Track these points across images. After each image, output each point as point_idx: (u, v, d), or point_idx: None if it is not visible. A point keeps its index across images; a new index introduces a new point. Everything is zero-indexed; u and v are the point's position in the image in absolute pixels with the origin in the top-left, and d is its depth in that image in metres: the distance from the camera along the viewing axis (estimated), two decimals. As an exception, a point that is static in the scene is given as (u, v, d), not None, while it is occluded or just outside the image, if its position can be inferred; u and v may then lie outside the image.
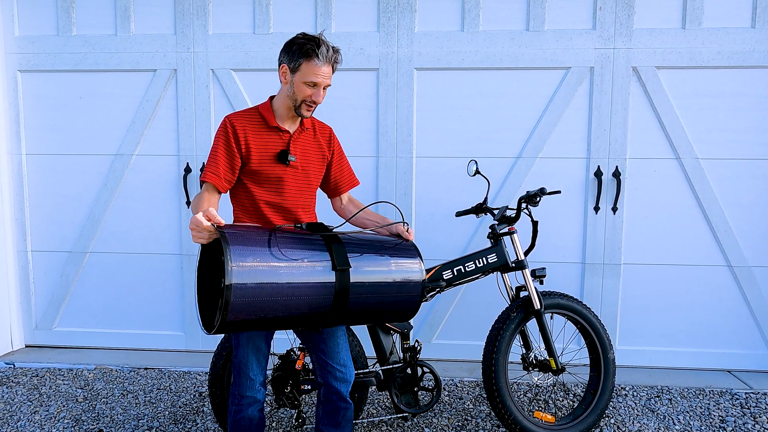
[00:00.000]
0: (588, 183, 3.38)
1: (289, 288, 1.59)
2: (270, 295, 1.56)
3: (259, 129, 1.93)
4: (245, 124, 1.91)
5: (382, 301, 1.79)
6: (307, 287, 1.63)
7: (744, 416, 2.84)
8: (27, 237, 3.69)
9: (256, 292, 1.53)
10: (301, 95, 1.86)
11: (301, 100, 1.86)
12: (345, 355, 2.01)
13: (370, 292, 1.75)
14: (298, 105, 1.88)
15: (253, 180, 1.93)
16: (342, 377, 2.00)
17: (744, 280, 3.34)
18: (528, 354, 2.59)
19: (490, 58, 3.34)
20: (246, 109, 1.97)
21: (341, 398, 2.01)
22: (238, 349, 1.96)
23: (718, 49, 3.23)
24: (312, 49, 1.79)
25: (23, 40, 3.55)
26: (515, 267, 2.54)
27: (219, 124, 1.92)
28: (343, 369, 2.00)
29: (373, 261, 1.78)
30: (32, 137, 3.63)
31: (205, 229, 1.57)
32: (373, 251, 1.80)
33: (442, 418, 2.81)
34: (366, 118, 3.45)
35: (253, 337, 1.94)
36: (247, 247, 1.56)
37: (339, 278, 1.69)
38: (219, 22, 3.47)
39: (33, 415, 2.85)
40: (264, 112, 1.95)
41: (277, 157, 1.93)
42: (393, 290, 1.80)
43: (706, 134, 3.30)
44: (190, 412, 2.88)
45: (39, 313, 3.76)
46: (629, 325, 3.45)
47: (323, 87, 1.86)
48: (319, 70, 1.82)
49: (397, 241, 1.90)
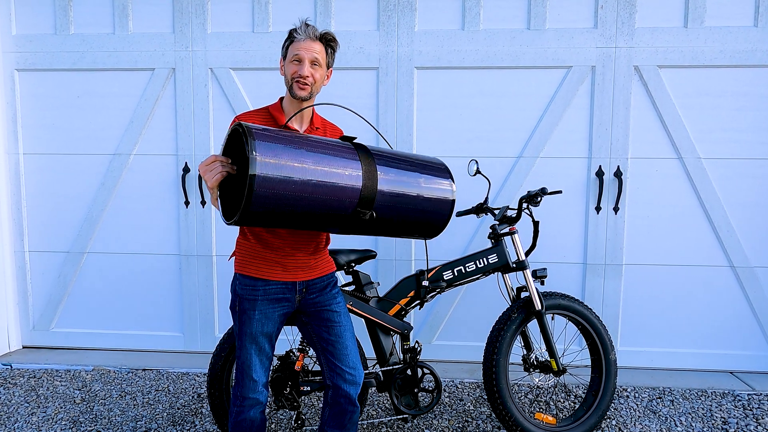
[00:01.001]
0: (589, 183, 3.36)
1: (314, 185, 1.57)
2: (294, 190, 1.53)
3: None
4: (257, 122, 1.90)
5: (410, 210, 1.79)
6: (333, 186, 1.61)
7: (746, 418, 2.82)
8: (24, 237, 3.67)
9: (280, 185, 1.50)
10: (290, 73, 1.88)
11: (290, 78, 1.88)
12: (354, 358, 2.00)
13: (397, 202, 1.75)
14: (290, 86, 1.89)
15: None
16: (351, 380, 1.98)
17: (746, 280, 3.33)
18: (529, 355, 2.58)
19: (491, 57, 3.33)
20: (256, 109, 1.98)
21: (350, 401, 1.99)
22: (242, 350, 1.94)
23: (720, 48, 3.21)
24: (293, 30, 1.89)
25: (20, 38, 3.54)
26: (516, 267, 2.54)
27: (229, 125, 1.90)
28: (352, 371, 1.98)
29: (402, 172, 1.78)
30: (30, 136, 3.61)
31: (216, 159, 1.61)
32: (405, 165, 1.80)
33: (443, 420, 2.80)
34: (366, 117, 3.42)
35: (256, 338, 1.92)
36: (273, 142, 1.54)
37: (365, 177, 1.68)
38: (218, 20, 3.46)
39: (30, 416, 2.83)
40: (274, 111, 1.96)
41: None
42: (421, 203, 1.81)
43: (709, 134, 3.29)
44: (188, 413, 2.86)
45: (36, 313, 3.75)
46: (631, 325, 3.43)
47: (310, 62, 1.87)
48: (301, 45, 1.87)
49: (429, 159, 1.92)
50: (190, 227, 3.56)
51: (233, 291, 1.97)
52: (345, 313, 2.02)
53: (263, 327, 1.92)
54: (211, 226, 3.56)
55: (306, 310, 1.98)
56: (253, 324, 1.91)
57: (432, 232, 1.92)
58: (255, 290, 1.90)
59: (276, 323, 1.95)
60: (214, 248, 3.57)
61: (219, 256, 3.58)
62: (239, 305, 1.93)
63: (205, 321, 3.63)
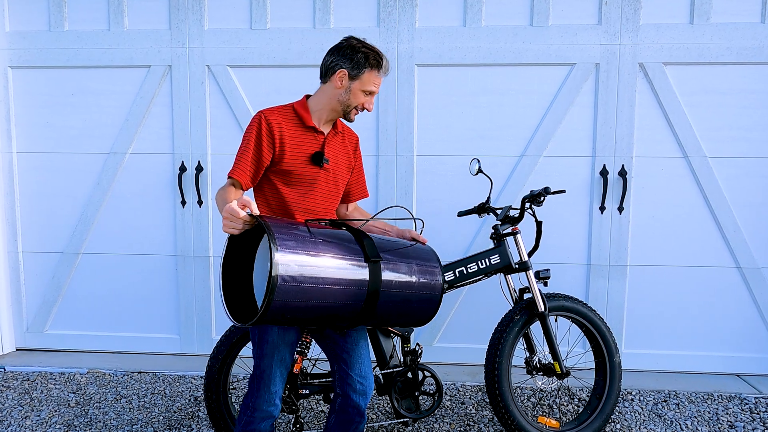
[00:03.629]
0: (593, 182, 3.34)
1: (328, 280, 1.60)
2: (312, 284, 1.56)
3: (295, 128, 1.90)
4: (281, 121, 1.88)
5: (409, 300, 1.82)
6: (344, 280, 1.64)
7: (753, 421, 2.81)
8: (18, 237, 3.65)
9: (300, 280, 1.53)
10: (356, 101, 1.90)
11: (354, 106, 1.90)
12: (366, 368, 1.98)
13: (399, 289, 1.78)
14: (349, 111, 1.91)
15: (283, 180, 1.90)
16: (362, 390, 1.96)
17: (753, 281, 3.31)
18: (532, 357, 2.57)
19: (493, 54, 3.31)
20: (280, 106, 1.94)
21: (358, 412, 1.97)
22: (263, 359, 1.89)
23: (726, 45, 3.19)
24: (377, 62, 1.88)
25: (14, 35, 3.51)
26: (519, 268, 2.54)
27: (252, 118, 1.88)
28: (363, 381, 1.96)
29: (399, 261, 1.80)
30: (23, 135, 3.59)
31: (241, 219, 1.54)
32: (398, 253, 1.83)
33: (444, 424, 2.79)
34: (365, 116, 3.40)
35: (278, 346, 1.88)
36: (289, 236, 1.56)
37: (372, 271, 1.70)
38: (215, 17, 3.43)
39: (24, 420, 2.82)
40: (300, 110, 1.93)
41: (311, 159, 1.91)
42: (417, 290, 1.83)
43: (715, 132, 3.26)
44: (185, 417, 2.85)
45: (30, 315, 3.73)
46: (635, 327, 3.42)
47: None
48: (378, 80, 1.91)
49: (414, 244, 1.94)
50: (186, 227, 3.53)
51: None
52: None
53: (285, 335, 1.88)
54: (208, 226, 3.53)
55: None
56: (275, 331, 1.86)
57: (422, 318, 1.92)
58: None
59: (297, 331, 1.92)
60: (211, 249, 3.54)
61: (216, 256, 3.55)
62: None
63: (201, 323, 3.60)
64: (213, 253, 3.55)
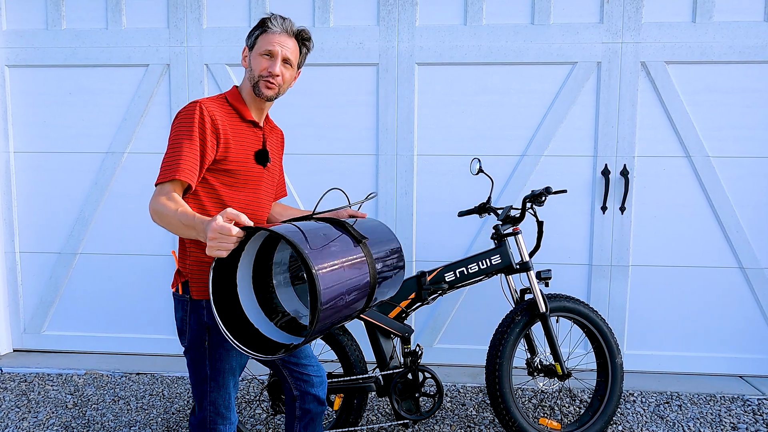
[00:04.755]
0: (595, 182, 3.32)
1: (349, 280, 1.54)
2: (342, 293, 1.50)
3: (235, 122, 1.69)
4: (222, 114, 1.65)
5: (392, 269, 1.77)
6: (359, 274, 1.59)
7: (756, 423, 2.80)
8: (15, 238, 3.63)
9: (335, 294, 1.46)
10: (258, 69, 1.67)
11: (258, 74, 1.67)
12: (313, 356, 1.90)
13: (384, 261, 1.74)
14: (256, 82, 1.68)
15: (224, 181, 1.66)
16: (319, 380, 1.87)
17: (756, 282, 3.30)
18: (533, 359, 2.57)
19: (494, 53, 3.29)
20: (213, 97, 1.70)
21: (320, 402, 1.88)
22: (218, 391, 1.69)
23: (729, 44, 3.17)
24: (266, 20, 1.68)
25: (11, 34, 3.49)
26: (520, 269, 2.53)
27: (183, 110, 1.61)
28: (316, 368, 1.87)
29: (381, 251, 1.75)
30: (20, 134, 3.57)
31: (234, 237, 1.32)
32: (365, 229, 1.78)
33: (444, 425, 2.78)
34: (365, 115, 3.39)
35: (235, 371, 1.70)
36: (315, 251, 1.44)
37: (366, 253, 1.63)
38: (213, 15, 3.41)
39: (21, 421, 2.80)
40: (235, 102, 1.72)
41: (255, 157, 1.71)
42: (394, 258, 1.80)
43: (718, 131, 3.25)
44: (183, 418, 2.84)
45: (27, 316, 3.71)
46: (637, 328, 3.40)
47: (282, 59, 1.68)
48: (275, 38, 1.67)
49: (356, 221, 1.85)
50: (185, 227, 3.50)
51: (195, 323, 1.64)
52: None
53: (241, 357, 1.70)
54: (206, 226, 3.49)
55: None
56: (232, 356, 1.66)
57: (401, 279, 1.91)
58: None
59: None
60: (209, 249, 3.51)
61: (215, 256, 3.52)
62: (210, 339, 1.63)
63: (200, 323, 3.57)
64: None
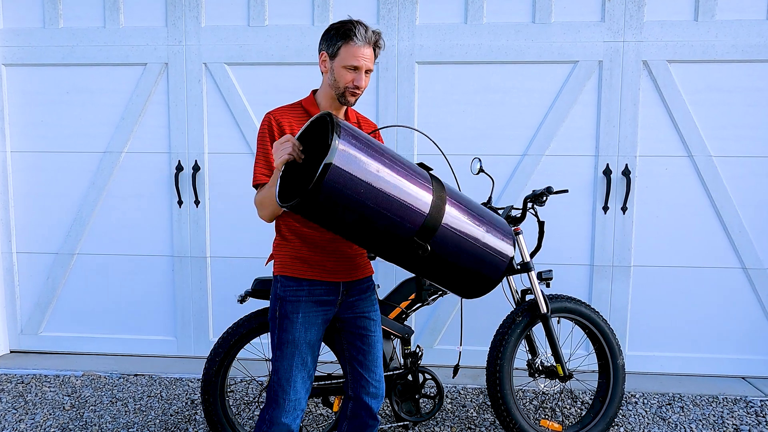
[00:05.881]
0: (596, 182, 3.32)
1: (382, 197, 1.51)
2: (361, 194, 1.47)
3: (305, 121, 1.82)
4: (291, 119, 1.81)
5: (469, 253, 1.69)
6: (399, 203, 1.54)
7: (759, 425, 2.79)
8: (12, 238, 3.62)
9: (351, 183, 1.45)
10: (343, 81, 1.76)
11: (344, 86, 1.77)
12: (381, 371, 1.94)
13: (461, 234, 1.67)
14: (341, 92, 1.78)
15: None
16: (375, 392, 1.91)
17: (759, 282, 3.29)
18: (534, 360, 2.56)
19: (495, 52, 3.28)
20: (288, 105, 1.88)
21: (371, 415, 1.92)
22: (282, 361, 1.79)
23: (732, 42, 3.16)
24: (350, 30, 1.73)
25: (8, 32, 3.48)
26: (521, 269, 2.52)
27: (261, 121, 1.82)
28: (377, 384, 1.92)
29: (469, 215, 1.71)
30: (17, 134, 3.56)
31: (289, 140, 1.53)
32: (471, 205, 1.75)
33: (445, 427, 2.77)
34: (365, 115, 3.35)
35: (299, 346, 1.79)
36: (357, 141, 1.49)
37: (433, 207, 1.59)
38: (212, 14, 3.40)
39: (18, 423, 2.79)
40: (308, 106, 1.86)
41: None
42: (482, 247, 1.71)
43: (720, 131, 3.24)
44: (182, 420, 2.83)
45: (24, 317, 3.70)
46: (639, 329, 3.40)
47: (365, 71, 1.77)
48: (359, 51, 1.74)
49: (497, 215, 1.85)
50: (183, 228, 3.50)
51: (273, 295, 1.85)
52: (379, 322, 1.95)
53: (306, 333, 1.80)
54: (205, 226, 3.49)
55: (342, 316, 1.89)
56: (296, 329, 1.79)
57: (476, 286, 1.79)
58: (299, 291, 1.79)
59: (319, 331, 1.83)
60: (208, 249, 3.51)
61: (213, 257, 3.52)
62: (280, 309, 1.81)
63: (199, 325, 3.57)
64: (210, 254, 3.51)
